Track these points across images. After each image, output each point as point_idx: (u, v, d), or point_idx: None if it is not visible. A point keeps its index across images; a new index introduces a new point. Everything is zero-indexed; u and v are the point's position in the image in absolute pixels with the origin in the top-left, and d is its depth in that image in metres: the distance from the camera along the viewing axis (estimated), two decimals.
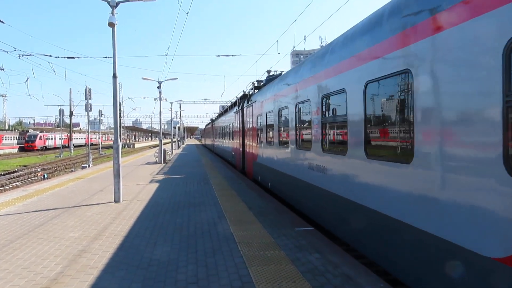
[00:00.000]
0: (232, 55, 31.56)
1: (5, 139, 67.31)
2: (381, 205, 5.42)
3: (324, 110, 7.81)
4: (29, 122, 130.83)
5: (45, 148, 73.42)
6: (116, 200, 11.74)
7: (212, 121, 49.88)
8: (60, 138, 62.64)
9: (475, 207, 3.64)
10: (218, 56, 30.40)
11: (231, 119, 24.97)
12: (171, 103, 52.79)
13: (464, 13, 3.75)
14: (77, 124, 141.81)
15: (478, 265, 3.60)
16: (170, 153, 33.61)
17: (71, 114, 57.79)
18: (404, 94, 4.98)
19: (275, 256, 6.26)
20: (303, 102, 9.07)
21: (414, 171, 4.65)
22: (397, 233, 5.00)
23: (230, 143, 25.97)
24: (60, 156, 52.10)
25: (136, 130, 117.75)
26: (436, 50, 4.22)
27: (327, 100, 7.64)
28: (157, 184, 15.79)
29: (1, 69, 37.58)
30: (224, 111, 34.30)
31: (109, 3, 11.82)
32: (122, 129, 74.29)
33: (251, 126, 16.97)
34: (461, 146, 3.87)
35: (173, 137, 53.21)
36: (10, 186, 23.42)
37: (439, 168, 4.21)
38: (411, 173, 4.70)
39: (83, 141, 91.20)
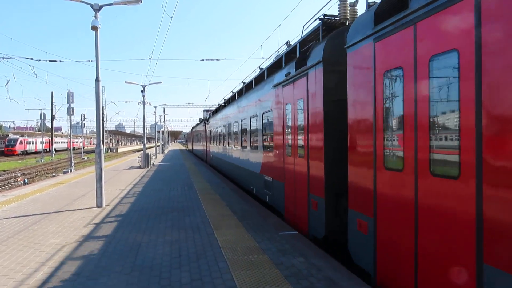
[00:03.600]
0: (217, 59, 30.91)
1: None
2: None
3: None
4: (9, 126, 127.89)
5: (26, 153, 71.79)
6: (99, 205, 11.60)
7: (205, 120, 34.74)
8: (41, 143, 61.42)
9: None
10: (203, 60, 30.04)
11: (261, 104, 12.08)
12: (155, 107, 53.46)
13: None
14: (59, 128, 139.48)
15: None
16: (154, 157, 33.30)
17: (52, 118, 56.77)
18: None
19: (259, 260, 6.29)
20: None
21: None
22: None
23: (253, 155, 13.25)
24: (41, 160, 51.09)
25: (119, 134, 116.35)
26: None
27: None
28: (140, 189, 15.64)
29: None
30: (228, 100, 20.81)
31: (92, 6, 11.74)
32: (105, 133, 73.31)
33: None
34: None
35: (157, 141, 52.83)
36: None
37: None
38: None
39: (65, 146, 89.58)
